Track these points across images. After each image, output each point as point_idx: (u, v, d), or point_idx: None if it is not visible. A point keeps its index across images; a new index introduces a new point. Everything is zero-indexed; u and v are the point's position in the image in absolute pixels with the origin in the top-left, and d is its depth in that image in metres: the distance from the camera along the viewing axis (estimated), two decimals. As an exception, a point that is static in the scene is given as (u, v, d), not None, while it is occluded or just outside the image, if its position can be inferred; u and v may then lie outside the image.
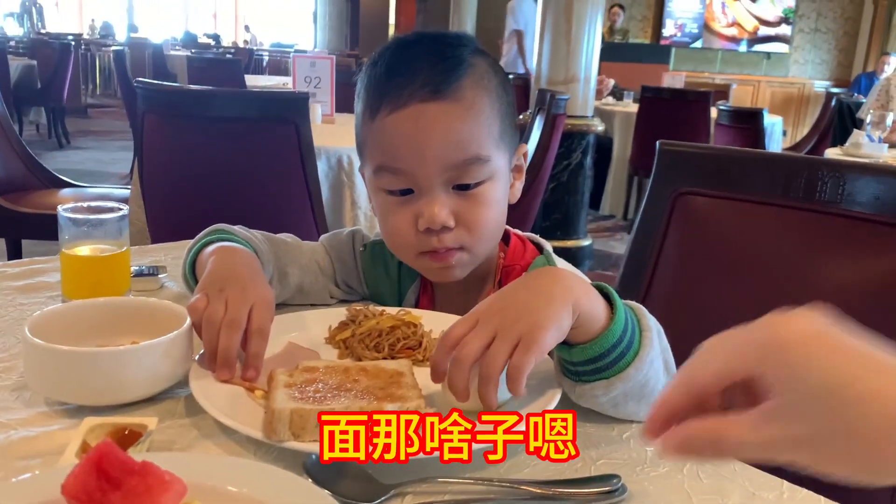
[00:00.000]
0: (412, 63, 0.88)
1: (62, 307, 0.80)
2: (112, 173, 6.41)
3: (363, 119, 0.92)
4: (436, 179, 0.87)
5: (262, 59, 10.88)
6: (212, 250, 0.89)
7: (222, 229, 0.96)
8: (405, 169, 0.88)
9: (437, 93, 0.86)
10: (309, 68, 3.26)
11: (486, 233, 0.92)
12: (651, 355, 0.72)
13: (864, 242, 1.06)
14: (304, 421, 0.61)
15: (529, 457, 0.66)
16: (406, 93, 0.86)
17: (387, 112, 0.87)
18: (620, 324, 0.71)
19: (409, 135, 0.86)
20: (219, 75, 5.50)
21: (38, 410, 0.71)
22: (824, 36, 11.61)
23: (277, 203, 2.13)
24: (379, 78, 0.90)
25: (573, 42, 4.24)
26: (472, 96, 0.88)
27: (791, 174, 1.12)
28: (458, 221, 0.89)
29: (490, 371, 0.65)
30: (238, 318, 0.74)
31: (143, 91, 2.12)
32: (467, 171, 0.88)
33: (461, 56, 0.89)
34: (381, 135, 0.89)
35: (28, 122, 7.76)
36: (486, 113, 0.89)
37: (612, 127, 5.79)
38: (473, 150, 0.87)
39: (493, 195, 0.91)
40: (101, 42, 13.04)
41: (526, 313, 0.67)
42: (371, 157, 0.92)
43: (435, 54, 0.89)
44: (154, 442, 0.65)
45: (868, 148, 3.64)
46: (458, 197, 0.89)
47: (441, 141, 0.86)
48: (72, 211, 0.92)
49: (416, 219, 0.89)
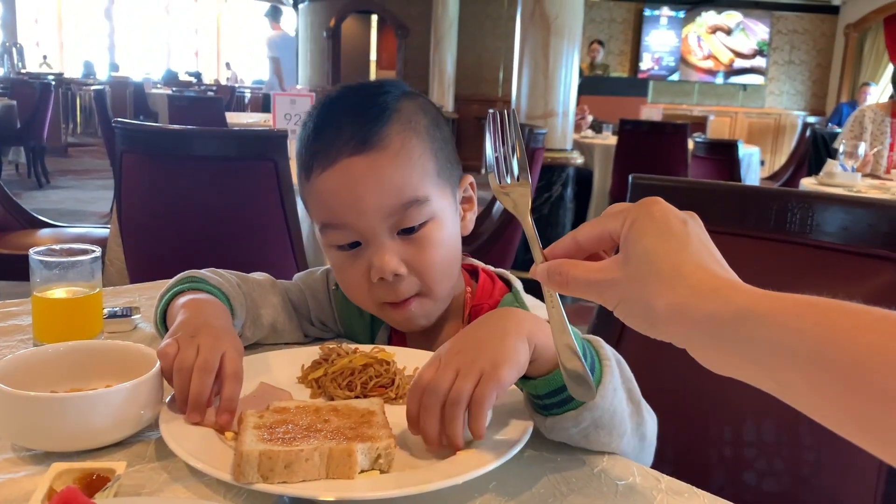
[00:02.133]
0: (337, 119, 0.90)
1: (32, 351, 0.79)
2: (92, 212, 6.38)
3: (300, 180, 0.95)
4: (378, 228, 0.88)
5: (244, 97, 10.94)
6: (183, 302, 0.89)
7: (193, 276, 0.96)
8: (347, 223, 0.89)
9: (364, 144, 0.87)
10: (289, 105, 3.29)
11: (439, 274, 0.92)
12: (614, 382, 0.73)
13: (834, 272, 1.08)
14: (273, 463, 0.61)
15: (500, 492, 0.66)
16: (334, 150, 0.88)
17: (319, 171, 0.89)
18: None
19: (343, 190, 0.88)
20: (200, 113, 5.52)
21: (5, 457, 0.70)
22: (798, 67, 11.86)
23: (257, 240, 2.14)
24: (308, 138, 0.92)
25: (550, 77, 4.31)
26: (401, 141, 0.89)
27: (761, 205, 1.13)
28: (409, 267, 0.90)
29: (453, 410, 0.65)
30: (211, 362, 0.74)
31: (121, 130, 2.12)
32: (407, 214, 0.88)
33: (384, 103, 0.90)
34: (317, 194, 0.91)
35: (7, 161, 7.72)
36: (418, 153, 0.90)
37: (593, 159, 5.85)
38: (409, 193, 0.88)
39: (440, 235, 0.92)
40: (82, 81, 13.05)
41: (484, 350, 0.68)
42: (315, 216, 0.93)
43: (358, 106, 0.90)
44: (123, 486, 0.64)
45: (842, 177, 3.69)
46: (405, 242, 0.90)
47: (375, 191, 0.87)
48: (43, 254, 0.92)
49: (368, 271, 0.90)
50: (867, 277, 1.03)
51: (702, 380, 1.12)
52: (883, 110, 4.39)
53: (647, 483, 0.69)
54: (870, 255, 1.03)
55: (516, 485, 0.68)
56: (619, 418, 0.73)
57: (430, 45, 11.15)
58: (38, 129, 7.25)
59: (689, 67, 11.86)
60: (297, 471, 0.62)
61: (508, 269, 1.09)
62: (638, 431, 0.78)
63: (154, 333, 1.04)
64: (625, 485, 0.69)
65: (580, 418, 0.71)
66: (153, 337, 1.03)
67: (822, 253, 1.07)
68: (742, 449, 1.06)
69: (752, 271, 1.14)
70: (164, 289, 0.96)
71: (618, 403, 0.73)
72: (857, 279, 1.05)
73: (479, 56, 11.34)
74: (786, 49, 11.78)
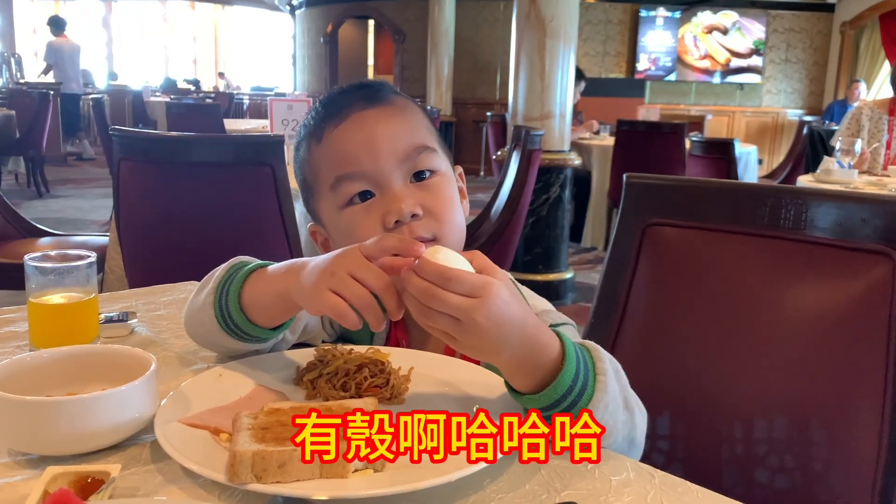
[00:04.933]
0: (344, 92, 0.99)
1: (27, 356, 0.79)
2: (92, 220, 6.39)
3: (309, 151, 0.98)
4: (393, 172, 0.92)
5: (243, 103, 10.95)
6: (272, 270, 0.84)
7: (245, 260, 0.91)
8: (361, 170, 0.92)
9: (372, 101, 0.95)
10: (286, 111, 3.29)
11: (454, 225, 0.94)
12: (605, 400, 0.74)
13: (828, 267, 1.08)
14: (266, 463, 0.61)
15: (494, 489, 0.66)
16: (345, 107, 0.95)
17: (331, 128, 0.94)
18: (570, 373, 0.72)
19: (357, 137, 0.93)
20: (198, 120, 5.53)
21: (1, 461, 0.70)
22: (795, 66, 11.87)
23: (255, 245, 2.14)
24: (316, 115, 0.98)
25: (547, 79, 4.31)
26: (403, 103, 0.99)
27: (755, 203, 1.14)
28: (424, 211, 0.91)
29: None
30: (372, 271, 0.72)
31: (118, 138, 2.13)
32: (419, 159, 0.93)
33: (383, 85, 1.00)
34: (330, 150, 0.94)
35: (6, 171, 7.74)
36: (420, 117, 0.99)
37: (591, 160, 5.86)
38: (419, 139, 0.95)
39: (450, 191, 0.96)
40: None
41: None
42: (327, 177, 0.95)
43: (360, 87, 0.99)
44: (118, 489, 0.64)
45: (839, 174, 3.69)
46: (418, 188, 0.93)
47: (387, 136, 0.93)
48: (39, 260, 0.92)
49: (383, 219, 0.91)
50: (862, 272, 1.04)
51: (705, 376, 1.12)
52: (880, 107, 4.39)
53: (641, 478, 0.70)
54: (864, 250, 1.03)
55: (510, 482, 0.68)
56: (608, 431, 0.74)
57: (426, 50, 11.16)
58: (37, 138, 7.26)
59: (685, 67, 11.87)
60: (291, 471, 0.62)
61: (508, 269, 1.09)
62: (629, 437, 0.79)
63: (150, 337, 1.04)
64: (619, 480, 0.69)
65: None
66: (149, 341, 1.03)
67: (817, 248, 1.08)
68: (750, 445, 1.06)
69: (748, 268, 1.15)
70: (217, 279, 0.88)
71: (608, 418, 0.74)
72: (851, 274, 1.05)
73: (476, 59, 11.35)
74: (782, 48, 11.79)
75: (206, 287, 0.89)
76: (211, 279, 0.90)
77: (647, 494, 0.67)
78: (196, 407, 0.77)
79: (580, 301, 4.57)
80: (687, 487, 0.69)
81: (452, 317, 0.67)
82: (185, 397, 0.78)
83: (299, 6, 13.50)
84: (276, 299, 0.83)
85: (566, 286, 4.67)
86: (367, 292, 0.72)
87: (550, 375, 0.72)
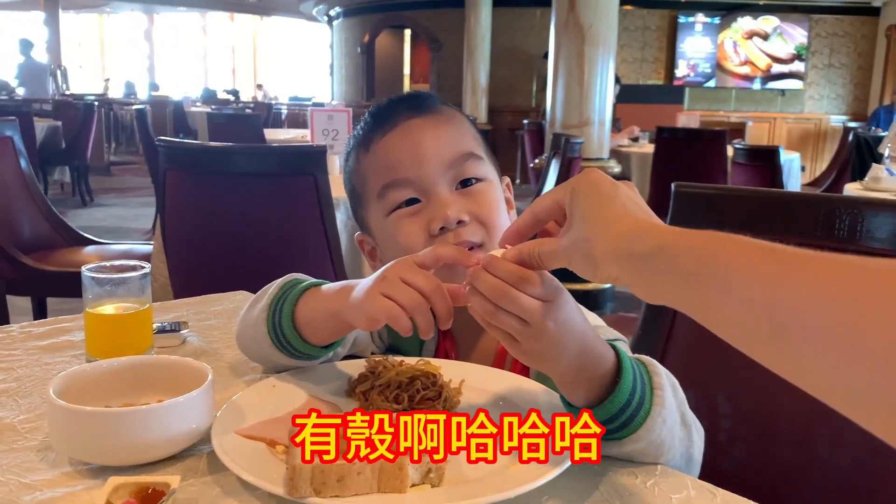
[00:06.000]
0: (392, 103, 1.00)
1: (85, 367, 0.81)
2: (134, 229, 6.51)
3: (357, 160, 1.00)
4: (439, 179, 0.93)
5: (281, 113, 11.08)
6: (325, 289, 0.85)
7: (299, 278, 0.91)
8: (408, 177, 0.93)
9: (421, 110, 0.97)
10: (326, 121, 3.32)
11: (500, 231, 0.91)
12: (663, 414, 0.72)
13: (886, 279, 1.05)
14: (325, 476, 0.61)
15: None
16: (393, 115, 0.97)
17: (380, 137, 0.96)
18: (628, 386, 0.71)
19: (405, 144, 0.94)
20: (238, 130, 5.61)
21: (63, 471, 0.71)
22: (838, 71, 11.66)
23: (297, 254, 2.15)
24: (365, 124, 1.00)
25: (586, 86, 4.29)
26: (450, 112, 1.00)
27: (808, 212, 1.11)
28: (471, 217, 0.92)
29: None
30: (423, 278, 0.73)
31: (164, 148, 2.16)
32: (465, 167, 0.94)
33: (430, 95, 1.02)
34: (378, 157, 0.96)
35: (53, 181, 7.93)
36: (467, 127, 1.00)
37: (629, 168, 5.81)
38: (465, 146, 0.96)
39: (496, 197, 0.96)
40: (124, 101, 13.36)
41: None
42: (374, 185, 0.96)
43: (408, 97, 1.01)
44: (177, 500, 0.65)
45: (888, 182, 3.61)
46: (464, 196, 0.93)
47: (434, 143, 0.94)
48: (95, 270, 0.94)
49: (428, 226, 0.91)
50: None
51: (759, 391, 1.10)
52: (929, 113, 4.29)
53: (702, 497, 0.68)
54: (923, 261, 1.00)
55: (568, 498, 0.67)
56: (666, 446, 0.73)
57: (462, 58, 11.19)
58: (82, 148, 7.43)
59: (725, 74, 11.73)
60: (350, 485, 0.62)
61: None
62: (686, 454, 0.78)
63: (202, 347, 1.05)
64: (679, 498, 0.68)
65: (624, 447, 0.72)
66: (201, 351, 1.04)
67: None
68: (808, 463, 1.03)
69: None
70: (271, 296, 0.88)
71: (666, 433, 0.73)
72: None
73: (512, 67, 11.35)
74: (825, 52, 11.59)
75: (259, 303, 0.89)
76: (264, 295, 0.90)
77: (709, 513, 0.65)
78: (250, 418, 0.77)
79: (620, 311, 4.52)
80: (749, 506, 0.67)
81: (520, 319, 0.66)
82: (240, 408, 0.79)
83: (337, 17, 13.63)
84: (329, 318, 0.83)
85: (605, 296, 4.62)
86: (417, 294, 0.72)
87: (606, 390, 0.71)
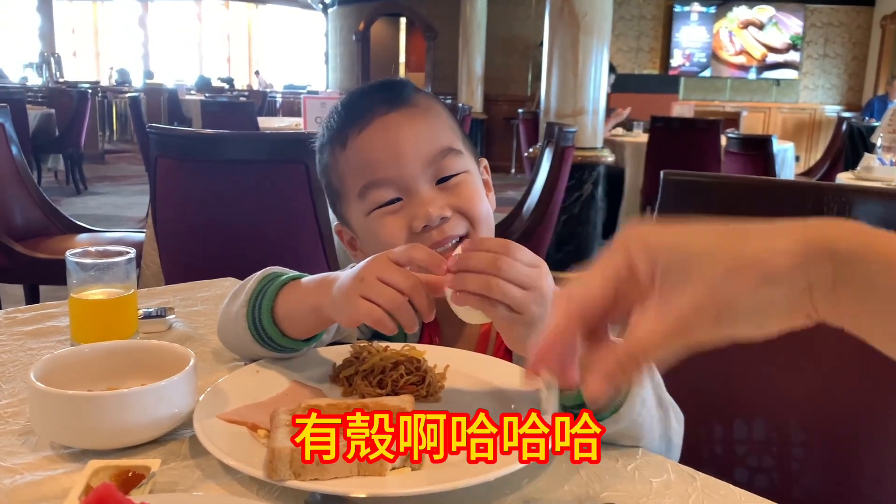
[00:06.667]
0: (365, 93, 0.99)
1: (68, 351, 0.80)
2: (128, 217, 6.49)
3: (333, 156, 0.97)
4: (419, 177, 0.92)
5: (276, 101, 11.04)
6: (306, 282, 0.85)
7: (277, 272, 0.90)
8: (388, 177, 0.92)
9: (394, 103, 0.94)
10: (319, 108, 3.31)
11: (482, 219, 0.94)
12: (642, 394, 0.73)
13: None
14: (305, 459, 0.61)
15: (532, 490, 0.65)
16: (368, 112, 0.94)
17: (356, 134, 0.93)
18: None
19: (382, 143, 0.92)
20: (233, 118, 5.57)
21: (44, 455, 0.71)
22: (833, 61, 11.64)
23: (289, 242, 2.15)
24: (339, 118, 0.97)
25: (580, 75, 4.29)
26: (426, 102, 0.98)
27: (797, 201, 1.11)
28: (453, 211, 0.92)
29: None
30: (403, 275, 0.73)
31: (155, 136, 2.15)
32: (444, 163, 0.93)
33: (405, 84, 0.99)
34: (355, 156, 0.94)
35: (46, 169, 7.88)
36: (444, 116, 0.98)
37: (624, 157, 5.80)
38: (444, 142, 0.94)
39: (476, 187, 0.96)
40: (118, 89, 13.29)
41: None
42: (353, 184, 0.95)
43: (382, 88, 0.98)
44: (157, 483, 0.65)
45: (880, 171, 3.62)
46: (444, 191, 0.93)
47: (411, 140, 0.92)
48: (79, 256, 0.93)
49: (410, 223, 0.91)
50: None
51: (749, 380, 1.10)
52: (923, 103, 4.29)
53: (682, 480, 0.68)
54: (910, 249, 1.01)
55: (549, 482, 0.67)
56: (646, 428, 0.73)
57: (458, 46, 11.15)
58: (75, 136, 7.39)
59: (720, 63, 11.71)
60: (329, 468, 0.62)
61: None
62: (665, 436, 0.78)
63: (188, 332, 1.05)
64: (660, 482, 0.68)
65: (606, 427, 0.71)
66: (187, 336, 1.04)
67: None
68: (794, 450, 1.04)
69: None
70: (249, 291, 0.87)
71: (645, 414, 0.73)
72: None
73: (508, 56, 11.31)
74: (820, 42, 11.57)
75: (239, 298, 0.89)
76: (243, 289, 0.89)
77: (688, 497, 0.66)
78: (234, 403, 0.77)
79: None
80: (729, 490, 0.67)
81: (520, 287, 0.67)
82: (223, 393, 0.79)
83: (332, 4, 13.56)
84: (310, 313, 0.83)
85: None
86: (397, 294, 0.72)
87: None
